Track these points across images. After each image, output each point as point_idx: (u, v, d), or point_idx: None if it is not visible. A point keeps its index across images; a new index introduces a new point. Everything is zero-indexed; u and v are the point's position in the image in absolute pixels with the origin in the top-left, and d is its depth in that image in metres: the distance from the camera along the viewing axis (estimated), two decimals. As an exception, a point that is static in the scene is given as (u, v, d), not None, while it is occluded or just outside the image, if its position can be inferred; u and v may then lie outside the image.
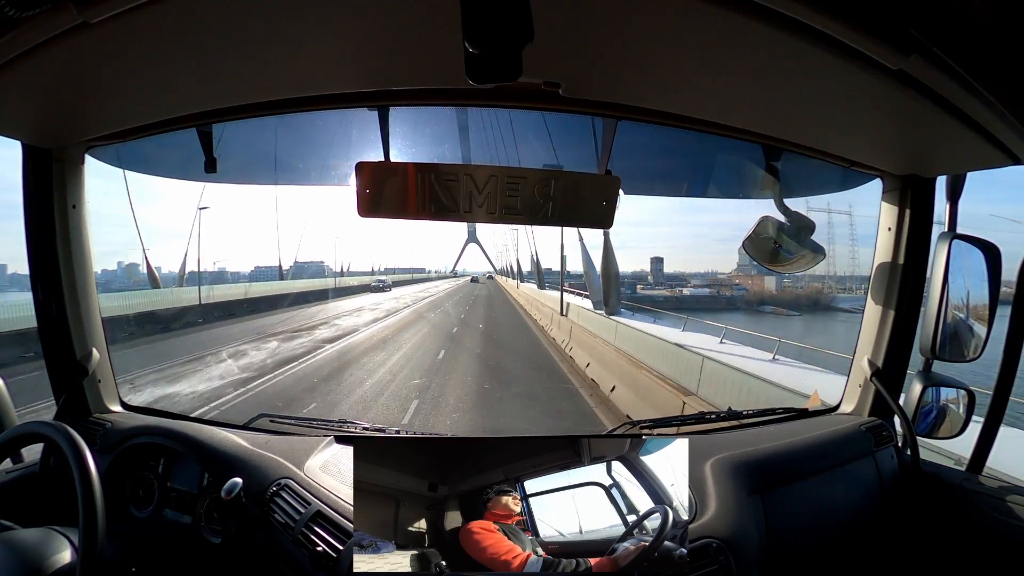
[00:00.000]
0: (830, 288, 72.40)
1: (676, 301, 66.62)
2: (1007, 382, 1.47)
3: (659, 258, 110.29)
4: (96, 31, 0.84)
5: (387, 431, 1.63)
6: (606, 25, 0.91)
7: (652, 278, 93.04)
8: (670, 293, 76.75)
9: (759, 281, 73.33)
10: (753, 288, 73.79)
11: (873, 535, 1.49)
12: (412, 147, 1.67)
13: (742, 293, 73.98)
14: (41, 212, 1.52)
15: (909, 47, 0.82)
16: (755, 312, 60.95)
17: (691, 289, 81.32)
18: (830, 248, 70.83)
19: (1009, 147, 1.14)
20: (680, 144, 1.83)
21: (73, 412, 1.66)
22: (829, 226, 70.02)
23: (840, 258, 74.45)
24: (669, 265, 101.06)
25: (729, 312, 56.70)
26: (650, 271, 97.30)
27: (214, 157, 1.56)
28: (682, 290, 79.89)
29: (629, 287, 74.82)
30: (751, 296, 71.49)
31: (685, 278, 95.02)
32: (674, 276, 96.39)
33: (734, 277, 76.54)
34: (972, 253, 1.47)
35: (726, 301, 69.93)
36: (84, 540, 0.97)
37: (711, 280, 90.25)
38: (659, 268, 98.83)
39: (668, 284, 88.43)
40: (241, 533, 1.31)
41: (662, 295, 72.93)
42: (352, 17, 0.90)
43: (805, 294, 69.42)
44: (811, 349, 9.77)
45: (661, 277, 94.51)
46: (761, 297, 70.10)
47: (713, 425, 1.75)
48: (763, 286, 72.43)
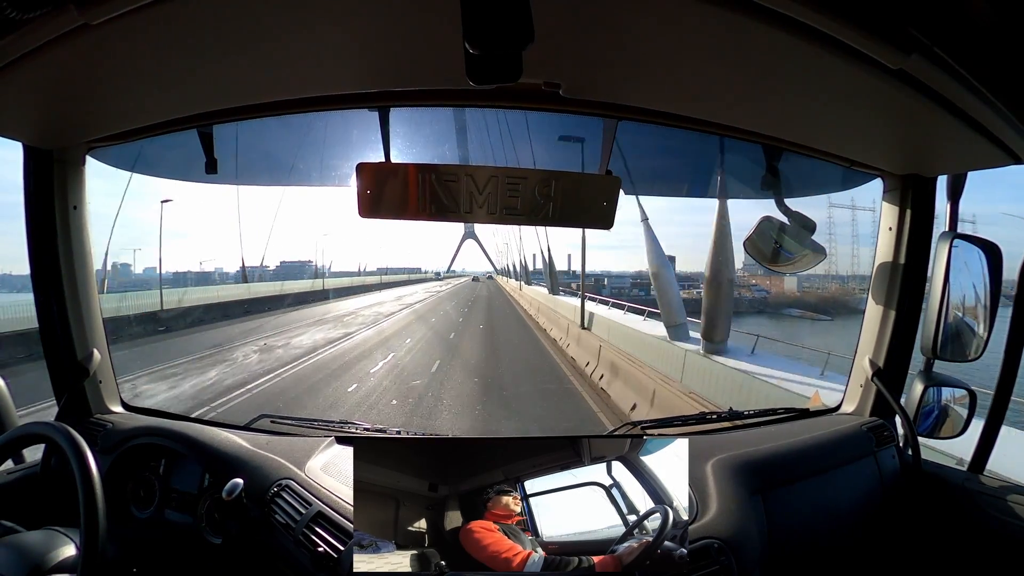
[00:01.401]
0: (860, 289, 67.59)
1: (693, 303, 60.88)
2: (1008, 381, 1.47)
3: (670, 256, 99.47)
4: (97, 33, 0.84)
5: (388, 432, 1.63)
6: (606, 25, 0.91)
7: None
8: (686, 295, 69.22)
9: (779, 282, 67.35)
10: (774, 289, 66.45)
11: (875, 535, 1.49)
12: (413, 148, 1.68)
13: (764, 295, 65.93)
14: (42, 213, 1.52)
15: (909, 46, 0.82)
16: (781, 316, 54.51)
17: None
18: (854, 247, 68.07)
19: (1009, 146, 1.14)
20: (680, 144, 1.83)
21: (74, 413, 1.66)
22: (853, 223, 66.65)
23: (864, 258, 69.24)
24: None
25: (752, 315, 51.68)
26: None
27: (215, 158, 1.56)
28: (700, 292, 72.15)
29: (643, 288, 69.79)
30: (775, 298, 65.26)
31: (693, 277, 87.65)
32: (685, 277, 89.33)
33: (749, 277, 67.74)
34: (973, 253, 1.46)
35: (748, 304, 63.07)
36: (85, 541, 0.97)
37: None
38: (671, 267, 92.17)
39: (680, 284, 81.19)
40: (242, 534, 1.31)
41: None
42: (353, 18, 0.90)
43: (832, 295, 63.98)
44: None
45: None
46: (785, 299, 63.44)
47: (714, 425, 1.75)
48: (783, 286, 65.50)
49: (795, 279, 62.42)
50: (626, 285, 69.37)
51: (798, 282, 63.83)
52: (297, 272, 55.82)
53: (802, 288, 65.03)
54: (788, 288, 64.99)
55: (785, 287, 65.09)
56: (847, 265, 66.47)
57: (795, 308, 56.94)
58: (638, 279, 70.39)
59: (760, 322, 42.48)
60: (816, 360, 8.18)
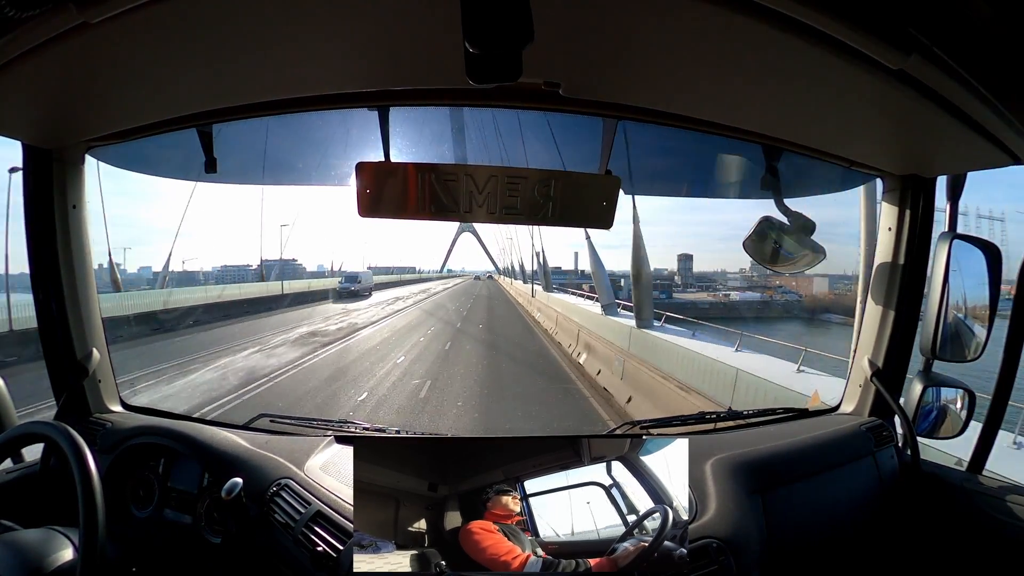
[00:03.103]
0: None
1: (724, 308, 54.86)
2: (1008, 381, 1.47)
3: (687, 255, 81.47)
4: (96, 31, 0.84)
5: (387, 431, 1.63)
6: (606, 25, 0.91)
7: (680, 278, 76.14)
8: (713, 298, 63.02)
9: (807, 283, 59.81)
10: (804, 291, 60.38)
11: (874, 535, 1.49)
12: (412, 147, 1.67)
13: (796, 299, 60.14)
14: (41, 212, 1.52)
15: (909, 47, 0.82)
16: (817, 322, 48.84)
17: (739, 294, 64.31)
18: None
19: (1009, 147, 1.14)
20: (680, 144, 1.83)
21: (73, 412, 1.66)
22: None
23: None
24: (673, 263, 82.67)
25: (782, 321, 47.34)
26: (678, 270, 79.45)
27: (214, 157, 1.56)
28: (728, 295, 64.24)
29: (664, 291, 62.80)
30: (809, 302, 58.44)
31: (711, 278, 77.03)
32: (701, 276, 78.30)
33: (772, 279, 61.18)
34: (972, 253, 1.47)
35: (780, 307, 57.62)
36: (84, 540, 0.97)
37: (748, 280, 69.85)
38: (688, 267, 79.61)
39: (699, 286, 73.45)
40: (241, 533, 1.31)
41: (705, 300, 60.49)
42: (353, 17, 0.90)
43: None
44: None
45: (691, 278, 77.57)
46: (820, 303, 56.87)
47: (713, 425, 1.76)
48: (812, 288, 59.32)
49: (826, 280, 57.20)
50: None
51: (829, 283, 58.28)
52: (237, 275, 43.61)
53: (834, 290, 58.52)
54: (820, 291, 59.00)
55: (815, 289, 59.28)
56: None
57: (834, 313, 49.03)
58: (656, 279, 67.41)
59: (792, 329, 36.92)
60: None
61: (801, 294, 60.82)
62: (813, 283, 59.05)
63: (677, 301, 56.08)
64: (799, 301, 59.24)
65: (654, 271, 67.12)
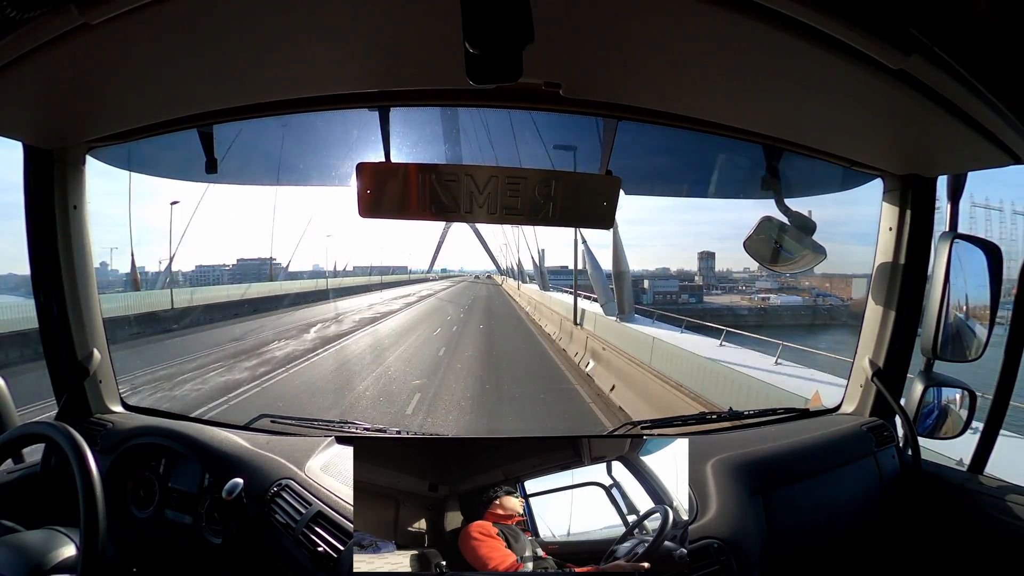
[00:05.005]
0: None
1: (763, 315, 50.12)
2: (1009, 381, 1.47)
3: (709, 253, 69.71)
4: (97, 32, 0.84)
5: (388, 431, 1.63)
6: (606, 25, 0.91)
7: (702, 279, 67.23)
8: (750, 303, 56.20)
9: (845, 286, 51.74)
10: (843, 294, 52.51)
11: (874, 535, 1.49)
12: (413, 148, 1.67)
13: (842, 304, 52.53)
14: (42, 213, 1.52)
15: (909, 47, 0.82)
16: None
17: (778, 297, 56.72)
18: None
19: (1010, 146, 1.14)
20: (680, 144, 1.82)
21: (74, 412, 1.66)
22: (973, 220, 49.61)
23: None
24: (675, 263, 77.66)
25: (825, 330, 42.37)
26: (698, 270, 69.42)
27: (215, 158, 1.56)
28: (769, 298, 56.84)
29: (695, 295, 57.82)
30: (856, 306, 43.32)
31: (732, 279, 67.28)
32: (724, 277, 68.51)
33: (802, 280, 54.08)
34: (973, 253, 1.46)
35: (825, 314, 51.43)
36: (85, 540, 0.97)
37: (783, 282, 57.31)
38: (710, 266, 68.60)
39: (721, 287, 65.52)
40: (242, 534, 1.32)
41: (742, 306, 53.98)
42: (353, 18, 0.90)
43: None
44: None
45: (712, 278, 67.62)
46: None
47: (714, 425, 1.75)
48: (850, 291, 51.01)
49: (863, 283, 50.34)
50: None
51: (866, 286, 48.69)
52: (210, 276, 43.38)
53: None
54: (856, 292, 50.23)
55: (853, 291, 50.42)
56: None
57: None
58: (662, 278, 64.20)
59: (838, 337, 31.75)
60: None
61: (841, 299, 53.95)
62: (850, 285, 52.09)
63: (710, 306, 51.62)
64: (846, 307, 51.78)
65: (678, 272, 61.87)
